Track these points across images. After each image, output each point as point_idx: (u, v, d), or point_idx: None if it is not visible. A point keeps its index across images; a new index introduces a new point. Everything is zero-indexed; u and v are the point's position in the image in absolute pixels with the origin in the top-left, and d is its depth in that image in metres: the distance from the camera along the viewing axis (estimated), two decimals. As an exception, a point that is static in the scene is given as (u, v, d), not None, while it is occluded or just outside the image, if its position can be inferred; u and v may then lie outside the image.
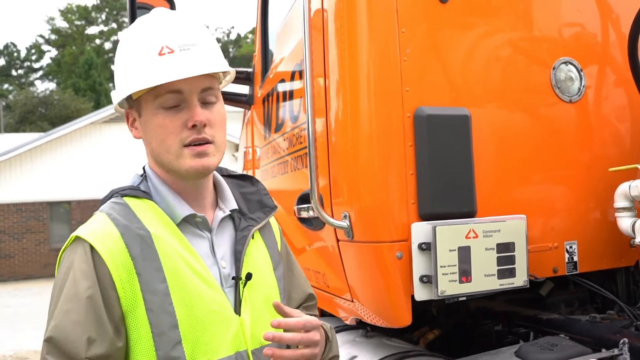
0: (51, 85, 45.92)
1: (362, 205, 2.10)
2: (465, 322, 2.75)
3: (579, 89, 2.34)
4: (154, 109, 1.34)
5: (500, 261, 2.04)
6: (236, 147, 19.09)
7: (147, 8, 2.94)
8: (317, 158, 2.16)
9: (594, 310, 2.63)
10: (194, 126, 1.32)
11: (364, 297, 2.20)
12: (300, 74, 2.58)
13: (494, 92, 2.23)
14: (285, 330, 1.34)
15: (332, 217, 2.18)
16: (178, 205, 1.39)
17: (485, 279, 2.02)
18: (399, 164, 2.04)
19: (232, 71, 1.46)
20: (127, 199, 1.39)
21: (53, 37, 47.54)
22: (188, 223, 1.40)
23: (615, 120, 2.40)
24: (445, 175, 2.06)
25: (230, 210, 1.47)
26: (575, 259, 2.30)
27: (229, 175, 1.58)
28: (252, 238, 1.49)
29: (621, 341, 2.04)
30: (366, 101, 2.09)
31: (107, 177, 18.27)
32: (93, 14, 47.63)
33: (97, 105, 35.29)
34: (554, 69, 2.30)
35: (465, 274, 1.99)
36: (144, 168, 1.49)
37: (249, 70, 3.84)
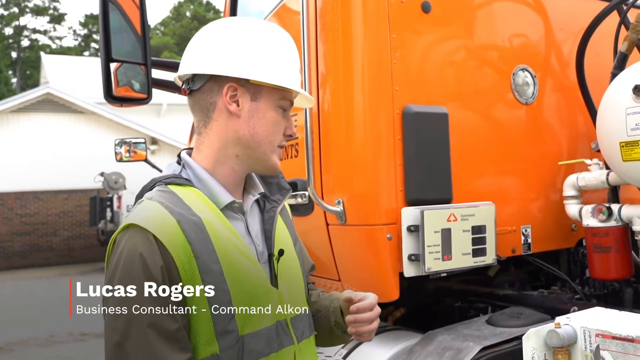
0: (-58, 71, 42.37)
1: (355, 192, 2.33)
2: (427, 300, 3.04)
3: (533, 92, 2.68)
4: (276, 106, 1.57)
5: (474, 241, 2.33)
6: (152, 140, 18.64)
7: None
8: (314, 149, 2.36)
9: (532, 289, 3.02)
10: (289, 135, 1.60)
11: (353, 276, 2.43)
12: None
13: (465, 94, 2.52)
14: None
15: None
16: (221, 193, 1.52)
17: (462, 257, 2.30)
18: (389, 156, 2.28)
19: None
20: (171, 187, 1.49)
21: (-56, 18, 44.06)
22: (227, 208, 1.53)
23: (563, 120, 2.77)
24: (429, 165, 2.32)
25: (259, 194, 1.64)
26: (530, 240, 2.65)
27: None
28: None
29: (572, 309, 2.39)
30: (361, 98, 2.32)
31: (14, 170, 17.27)
32: (-9, -4, 44.54)
33: (-4, 94, 33.01)
34: (513, 74, 2.63)
35: (446, 252, 2.26)
36: (179, 156, 1.61)
37: None
